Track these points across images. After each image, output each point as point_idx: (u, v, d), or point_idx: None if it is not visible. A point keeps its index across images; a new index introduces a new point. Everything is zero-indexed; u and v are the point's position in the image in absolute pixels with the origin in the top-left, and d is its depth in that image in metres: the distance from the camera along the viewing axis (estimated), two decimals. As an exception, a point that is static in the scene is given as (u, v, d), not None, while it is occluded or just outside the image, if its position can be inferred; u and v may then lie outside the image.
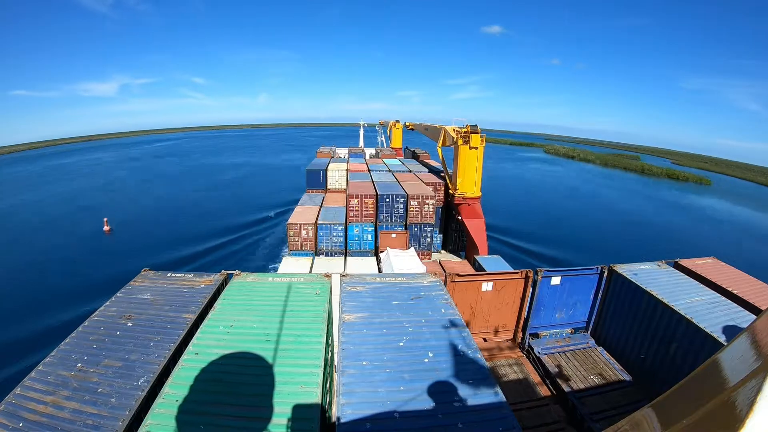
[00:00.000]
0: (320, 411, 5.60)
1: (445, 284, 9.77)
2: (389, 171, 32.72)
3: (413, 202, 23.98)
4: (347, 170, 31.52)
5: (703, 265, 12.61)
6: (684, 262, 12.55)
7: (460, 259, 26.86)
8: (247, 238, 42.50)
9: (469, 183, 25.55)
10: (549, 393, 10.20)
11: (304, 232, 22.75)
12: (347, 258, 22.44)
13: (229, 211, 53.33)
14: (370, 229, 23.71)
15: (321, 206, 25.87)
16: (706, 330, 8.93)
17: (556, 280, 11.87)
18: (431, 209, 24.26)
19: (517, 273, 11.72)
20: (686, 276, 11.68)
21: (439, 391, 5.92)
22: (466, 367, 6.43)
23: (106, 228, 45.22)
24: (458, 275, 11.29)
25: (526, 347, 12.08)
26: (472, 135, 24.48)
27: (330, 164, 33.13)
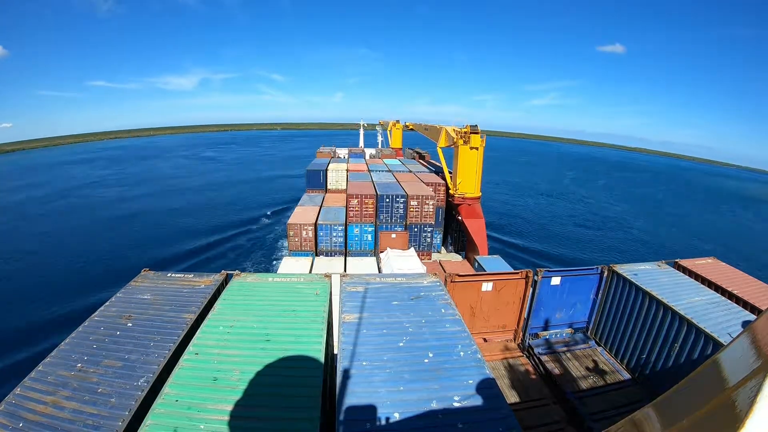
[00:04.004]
0: (320, 411, 5.60)
1: (445, 284, 9.77)
2: (389, 171, 32.71)
3: (413, 203, 23.98)
4: (347, 170, 31.52)
5: (703, 265, 12.61)
6: (684, 263, 12.55)
7: (460, 259, 26.85)
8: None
9: (469, 183, 25.54)
10: (549, 393, 10.20)
11: (304, 233, 22.75)
12: (347, 258, 22.44)
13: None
14: (370, 229, 23.71)
15: (321, 206, 25.87)
16: (706, 330, 8.93)
17: (556, 281, 11.87)
18: (431, 209, 24.25)
19: (517, 273, 11.72)
20: (686, 276, 11.68)
21: (439, 391, 5.91)
22: (466, 368, 6.42)
23: None
24: (458, 275, 11.29)
25: (526, 347, 12.08)
26: (472, 135, 24.47)
27: (330, 164, 33.13)
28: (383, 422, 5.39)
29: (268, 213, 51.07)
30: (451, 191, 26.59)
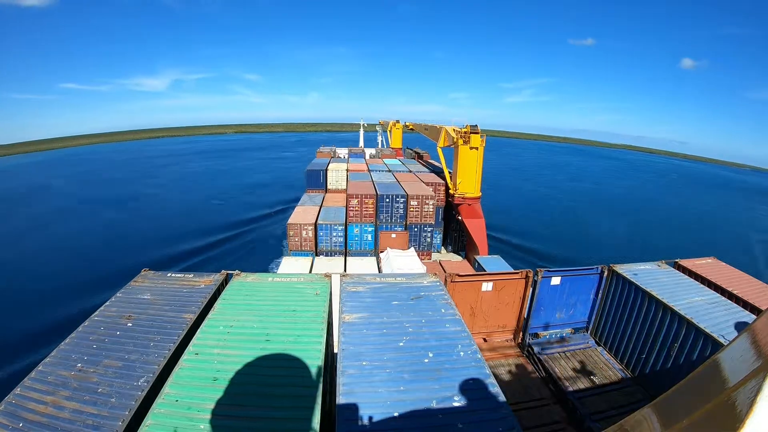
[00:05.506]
0: (320, 411, 5.60)
1: (445, 284, 9.77)
2: (389, 171, 32.70)
3: (413, 202, 23.97)
4: (347, 170, 31.52)
5: (703, 265, 12.62)
6: (684, 262, 12.55)
7: (460, 259, 26.85)
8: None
9: (469, 183, 25.53)
10: (549, 393, 10.20)
11: (304, 232, 22.74)
12: (347, 258, 22.43)
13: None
14: (370, 229, 23.70)
15: (321, 206, 25.86)
16: (706, 330, 8.93)
17: (556, 280, 11.87)
18: (431, 209, 24.24)
19: (517, 273, 11.72)
20: (686, 276, 11.68)
21: (439, 391, 5.92)
22: (466, 367, 6.43)
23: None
24: (458, 275, 11.29)
25: (526, 347, 12.08)
26: (472, 135, 24.46)
27: (330, 164, 33.13)
28: (383, 422, 5.39)
29: (270, 212, 51.09)
30: (451, 191, 26.59)
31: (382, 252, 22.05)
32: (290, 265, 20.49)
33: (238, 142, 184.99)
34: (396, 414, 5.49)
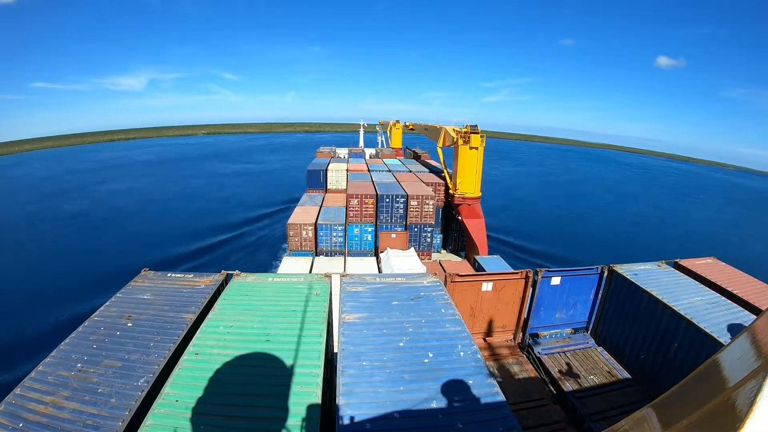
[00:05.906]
0: (320, 411, 5.60)
1: (445, 284, 9.77)
2: (389, 171, 32.70)
3: (413, 202, 23.97)
4: (347, 170, 31.52)
5: (703, 265, 12.61)
6: (684, 262, 12.55)
7: (460, 259, 26.85)
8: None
9: (469, 183, 25.53)
10: (549, 393, 10.20)
11: (303, 233, 22.74)
12: (347, 258, 22.43)
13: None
14: (370, 229, 23.70)
15: (321, 206, 25.86)
16: (706, 330, 8.93)
17: (556, 281, 11.87)
18: (431, 209, 24.24)
19: (517, 273, 11.72)
20: (686, 276, 11.68)
21: (439, 391, 5.92)
22: (466, 368, 6.43)
23: None
24: (458, 275, 11.29)
25: (526, 347, 12.08)
26: (472, 135, 24.46)
27: (330, 164, 33.13)
28: (383, 422, 5.39)
29: (268, 212, 51.05)
30: (451, 191, 26.59)
31: (382, 252, 22.06)
32: (290, 265, 20.50)
33: (204, 146, 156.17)
34: (396, 414, 5.49)
